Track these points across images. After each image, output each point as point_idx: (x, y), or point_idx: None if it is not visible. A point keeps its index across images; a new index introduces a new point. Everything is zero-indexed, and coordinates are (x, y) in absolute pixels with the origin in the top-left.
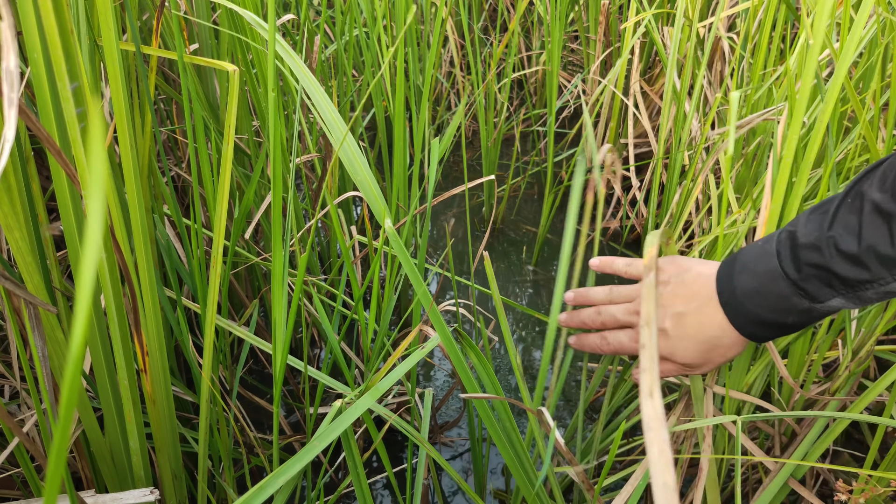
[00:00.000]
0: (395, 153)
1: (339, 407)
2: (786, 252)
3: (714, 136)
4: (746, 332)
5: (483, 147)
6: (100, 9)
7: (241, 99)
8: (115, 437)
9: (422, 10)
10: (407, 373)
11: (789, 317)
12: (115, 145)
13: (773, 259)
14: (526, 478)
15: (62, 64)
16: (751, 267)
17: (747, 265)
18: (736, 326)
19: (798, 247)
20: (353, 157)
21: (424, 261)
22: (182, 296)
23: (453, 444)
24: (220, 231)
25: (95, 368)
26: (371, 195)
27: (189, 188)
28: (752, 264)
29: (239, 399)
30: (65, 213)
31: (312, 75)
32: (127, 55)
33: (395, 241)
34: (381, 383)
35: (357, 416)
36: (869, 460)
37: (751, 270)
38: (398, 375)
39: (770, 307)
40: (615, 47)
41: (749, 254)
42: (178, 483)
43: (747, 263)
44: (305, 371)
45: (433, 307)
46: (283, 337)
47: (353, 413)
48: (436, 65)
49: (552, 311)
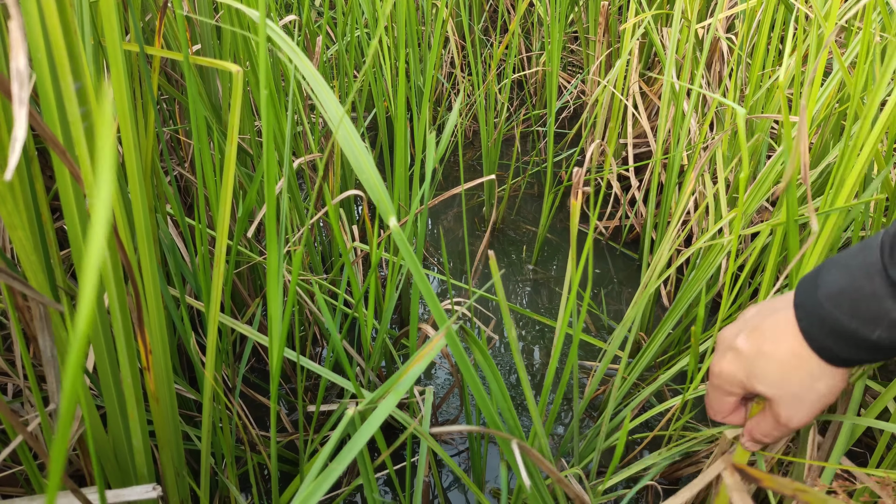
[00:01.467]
0: (397, 153)
1: (350, 416)
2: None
3: (713, 140)
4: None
5: (483, 147)
6: (103, 9)
7: (243, 99)
8: (119, 435)
9: (423, 12)
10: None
11: (876, 329)
12: (118, 145)
13: (875, 251)
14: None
15: (66, 63)
16: (844, 261)
17: (840, 261)
18: (806, 336)
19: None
20: (359, 155)
21: (422, 258)
22: (185, 295)
23: (454, 442)
24: (223, 230)
25: (99, 366)
26: (377, 194)
27: (192, 188)
28: (845, 258)
29: (241, 397)
30: (68, 212)
31: (317, 71)
32: (130, 55)
33: (401, 241)
34: (399, 386)
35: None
36: (873, 461)
37: (843, 265)
38: (414, 378)
39: (856, 311)
40: (615, 48)
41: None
42: (181, 480)
43: (840, 259)
44: (299, 360)
45: (438, 307)
46: (279, 331)
47: (371, 426)
48: (436, 66)
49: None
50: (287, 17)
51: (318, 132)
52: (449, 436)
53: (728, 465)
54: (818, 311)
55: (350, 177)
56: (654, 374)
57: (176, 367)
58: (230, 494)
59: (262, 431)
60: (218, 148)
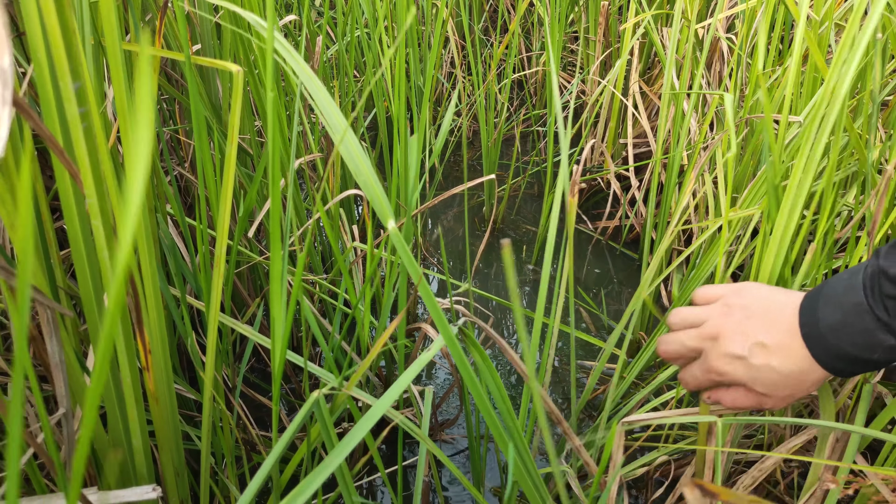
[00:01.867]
0: (396, 153)
1: (315, 398)
2: (873, 286)
3: (713, 140)
4: (830, 366)
5: (483, 147)
6: (103, 9)
7: (243, 99)
8: (118, 435)
9: (423, 12)
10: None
11: (874, 353)
12: (118, 145)
13: (860, 292)
14: (528, 477)
15: (65, 63)
16: (835, 299)
17: (832, 297)
18: (818, 361)
19: (885, 281)
20: (356, 157)
21: (422, 257)
22: (186, 295)
23: (454, 442)
24: (223, 230)
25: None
26: (374, 195)
27: (192, 188)
28: (837, 297)
29: (242, 397)
30: (68, 213)
31: (314, 73)
32: (130, 56)
33: (400, 244)
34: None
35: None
36: (880, 459)
37: (835, 303)
38: (409, 379)
39: (854, 342)
40: (615, 48)
41: (835, 286)
42: (181, 480)
43: (832, 296)
44: (306, 366)
45: (436, 307)
46: (282, 332)
47: (367, 423)
48: (437, 65)
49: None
50: (287, 17)
51: (318, 132)
52: (449, 435)
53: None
54: (824, 343)
55: (350, 177)
56: (653, 373)
57: (176, 367)
58: (230, 495)
59: (263, 431)
60: (218, 148)
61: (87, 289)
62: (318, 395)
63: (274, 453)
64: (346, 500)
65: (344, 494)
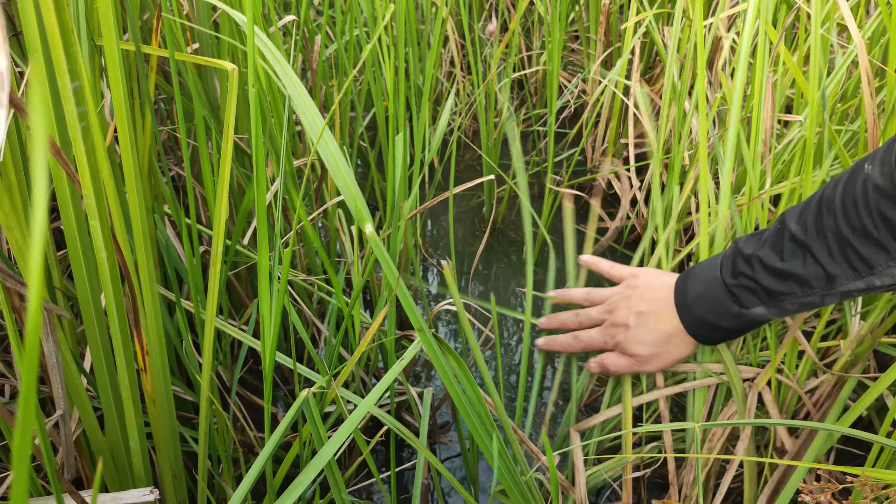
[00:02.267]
0: (396, 153)
1: (304, 397)
2: (727, 263)
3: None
4: (693, 332)
5: (483, 147)
6: (100, 8)
7: (240, 98)
8: (116, 437)
9: (422, 10)
10: (406, 371)
11: (724, 320)
12: (115, 145)
13: (717, 269)
14: (512, 481)
15: (63, 63)
16: (700, 275)
17: (698, 274)
18: (685, 326)
19: (737, 260)
20: (333, 160)
21: (421, 258)
22: (182, 296)
23: (454, 443)
24: (219, 230)
25: (96, 367)
26: (350, 198)
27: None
28: (701, 273)
29: (238, 398)
30: (65, 213)
31: (294, 74)
32: (127, 55)
33: (377, 248)
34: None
35: (357, 422)
36: (870, 460)
37: (700, 278)
38: (391, 379)
39: (710, 310)
40: (616, 47)
41: (702, 265)
42: (178, 482)
43: (698, 272)
44: (295, 368)
45: (414, 310)
46: (272, 331)
47: (353, 421)
48: (436, 65)
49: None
50: (286, 18)
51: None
52: (448, 438)
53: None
54: (690, 311)
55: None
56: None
57: (173, 369)
58: (227, 497)
59: (259, 433)
60: (215, 147)
61: (84, 290)
62: (307, 394)
63: (264, 453)
64: (337, 498)
65: (334, 492)
